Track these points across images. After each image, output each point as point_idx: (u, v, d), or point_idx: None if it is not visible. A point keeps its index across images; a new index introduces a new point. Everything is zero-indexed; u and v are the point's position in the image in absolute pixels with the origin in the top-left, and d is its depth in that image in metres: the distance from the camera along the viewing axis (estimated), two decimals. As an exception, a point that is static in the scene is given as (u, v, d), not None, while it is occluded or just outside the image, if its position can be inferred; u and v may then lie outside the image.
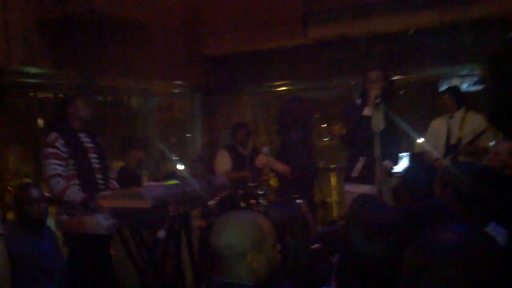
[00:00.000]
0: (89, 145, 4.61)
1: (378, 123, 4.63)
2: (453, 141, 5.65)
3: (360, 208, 2.35)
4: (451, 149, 5.61)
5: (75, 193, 4.31)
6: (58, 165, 4.36)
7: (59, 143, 4.41)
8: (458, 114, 5.74)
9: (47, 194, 4.41)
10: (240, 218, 2.29)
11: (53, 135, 4.44)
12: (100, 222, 3.85)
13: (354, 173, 4.83)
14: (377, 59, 7.00)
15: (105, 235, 4.06)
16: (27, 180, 5.70)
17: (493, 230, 2.50)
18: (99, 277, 4.28)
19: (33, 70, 5.67)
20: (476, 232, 1.42)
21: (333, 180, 7.83)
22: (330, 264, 2.88)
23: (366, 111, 4.79)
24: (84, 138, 4.60)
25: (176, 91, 7.97)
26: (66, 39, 5.59)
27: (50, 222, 4.41)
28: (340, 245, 2.28)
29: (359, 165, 4.81)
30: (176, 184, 4.21)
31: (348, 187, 4.93)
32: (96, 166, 4.59)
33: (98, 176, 4.58)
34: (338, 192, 7.61)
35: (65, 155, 4.41)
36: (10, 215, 4.23)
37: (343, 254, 2.26)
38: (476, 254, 1.31)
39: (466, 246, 1.33)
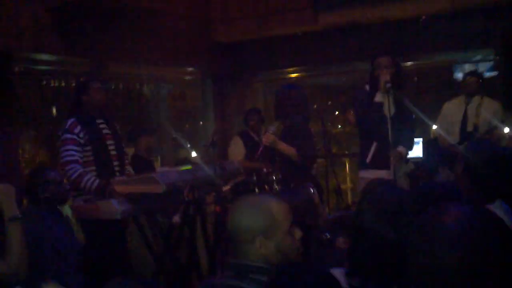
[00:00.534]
0: (107, 131, 4.60)
1: (389, 109, 4.61)
2: (470, 127, 5.60)
3: (373, 191, 2.35)
4: (467, 136, 5.55)
5: (91, 180, 4.33)
6: (76, 151, 4.37)
7: (77, 129, 4.41)
8: (475, 100, 5.69)
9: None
10: (252, 202, 2.23)
11: (72, 121, 4.44)
12: (115, 207, 3.89)
13: (368, 159, 4.82)
14: (388, 45, 6.96)
15: (120, 221, 4.10)
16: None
17: (499, 207, 2.50)
18: (115, 262, 4.31)
19: (44, 57, 5.69)
20: (481, 214, 1.35)
21: (348, 166, 7.83)
22: (340, 251, 2.87)
23: (377, 97, 4.77)
24: (102, 125, 4.59)
25: (187, 78, 7.98)
26: (76, 26, 5.60)
27: (66, 208, 4.43)
28: (352, 228, 2.28)
29: (372, 151, 4.79)
30: (189, 170, 4.23)
31: (363, 174, 4.89)
32: (113, 152, 4.59)
33: (115, 163, 4.59)
34: (352, 178, 7.61)
35: (83, 141, 4.41)
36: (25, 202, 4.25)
37: (355, 237, 2.25)
38: (477, 239, 1.27)
39: (467, 231, 1.28)
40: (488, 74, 7.15)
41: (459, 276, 1.25)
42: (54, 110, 6.72)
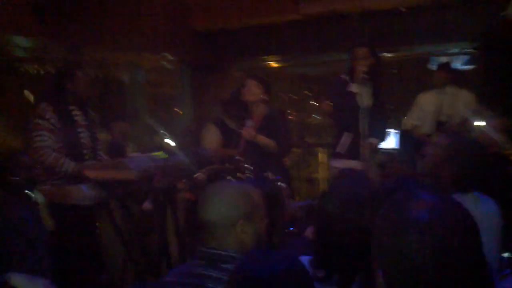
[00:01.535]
0: (79, 118, 4.53)
1: (364, 100, 4.61)
2: (443, 117, 5.62)
3: (337, 181, 2.35)
4: (439, 125, 5.58)
5: (66, 163, 4.27)
6: (47, 136, 4.31)
7: (48, 114, 4.35)
8: (449, 91, 5.71)
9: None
10: (232, 187, 2.28)
11: (43, 106, 4.37)
12: (84, 192, 3.86)
13: (340, 149, 4.82)
14: (367, 36, 6.97)
15: (90, 206, 4.07)
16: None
17: (474, 199, 2.52)
18: (84, 248, 4.27)
19: (19, 40, 5.61)
20: (449, 204, 1.35)
21: (321, 156, 7.83)
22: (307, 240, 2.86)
23: (353, 88, 4.76)
24: (75, 111, 4.52)
25: (165, 65, 7.93)
26: (51, 9, 5.53)
27: (35, 193, 4.38)
28: (316, 217, 2.28)
29: (345, 141, 4.79)
30: (161, 156, 4.20)
31: (334, 163, 4.91)
32: (84, 140, 4.49)
33: (85, 151, 4.48)
34: (325, 168, 7.62)
35: (53, 127, 4.35)
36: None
37: (318, 226, 2.26)
38: (441, 225, 1.27)
39: (436, 222, 1.28)
40: (464, 66, 7.18)
41: (427, 266, 1.25)
42: (29, 96, 6.64)
